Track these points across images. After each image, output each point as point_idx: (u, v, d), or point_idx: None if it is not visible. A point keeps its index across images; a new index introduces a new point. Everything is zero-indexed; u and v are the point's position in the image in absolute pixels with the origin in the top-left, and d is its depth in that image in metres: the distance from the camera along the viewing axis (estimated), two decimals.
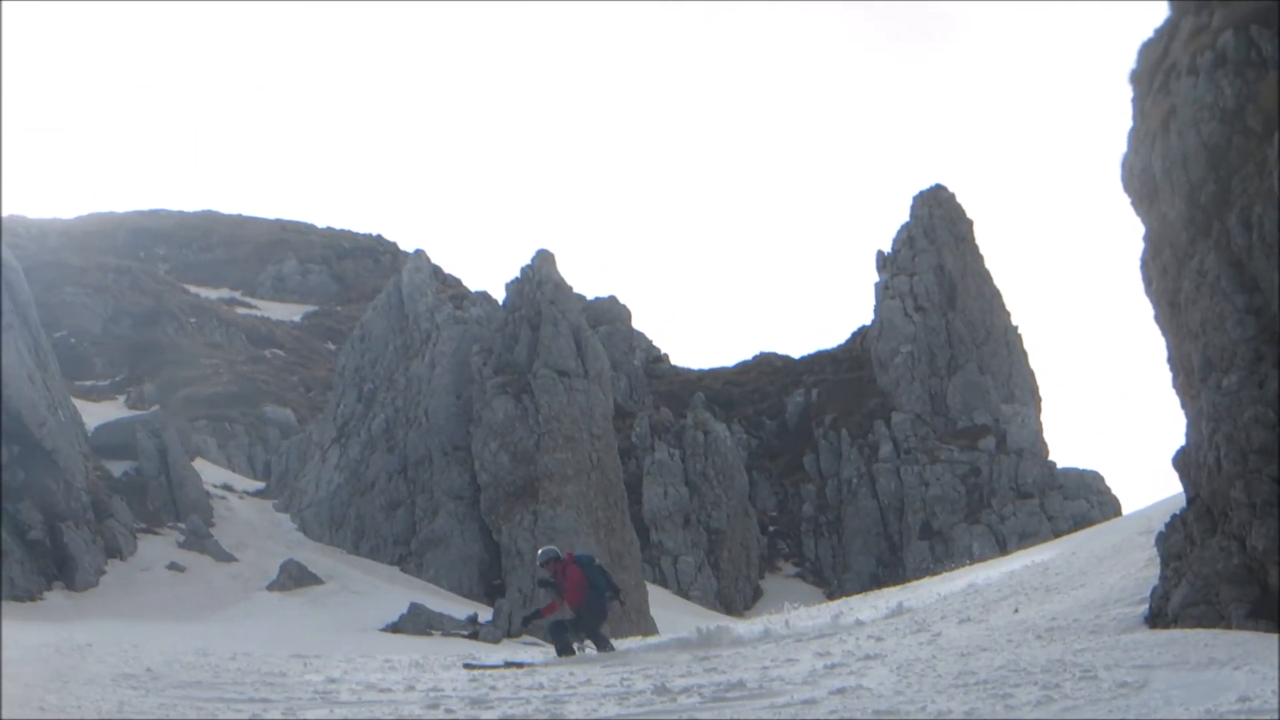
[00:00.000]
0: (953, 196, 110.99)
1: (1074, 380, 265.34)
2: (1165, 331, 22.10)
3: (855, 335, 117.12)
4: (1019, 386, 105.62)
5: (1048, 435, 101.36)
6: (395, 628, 57.70)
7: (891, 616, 28.58)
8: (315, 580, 66.05)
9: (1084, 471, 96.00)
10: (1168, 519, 22.26)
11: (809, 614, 34.11)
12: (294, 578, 65.53)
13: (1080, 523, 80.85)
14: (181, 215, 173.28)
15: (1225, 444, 19.59)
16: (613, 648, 27.82)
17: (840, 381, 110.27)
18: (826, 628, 27.61)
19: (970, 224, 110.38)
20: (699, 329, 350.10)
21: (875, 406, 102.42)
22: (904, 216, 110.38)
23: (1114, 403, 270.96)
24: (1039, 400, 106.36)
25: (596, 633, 27.47)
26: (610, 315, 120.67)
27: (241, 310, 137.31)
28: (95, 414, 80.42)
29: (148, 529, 67.39)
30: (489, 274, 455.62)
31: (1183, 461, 21.43)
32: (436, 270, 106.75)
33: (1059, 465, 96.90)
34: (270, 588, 64.56)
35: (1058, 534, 74.35)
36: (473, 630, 59.60)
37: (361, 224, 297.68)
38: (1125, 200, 23.07)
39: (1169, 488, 40.02)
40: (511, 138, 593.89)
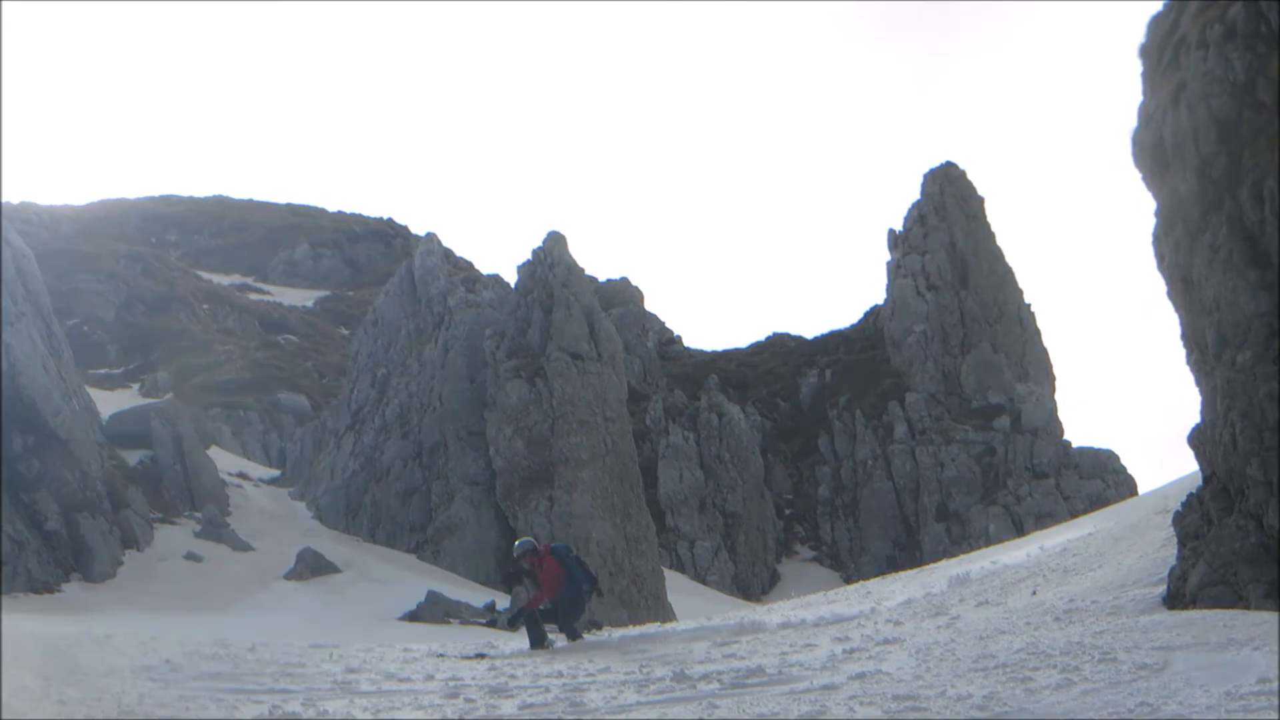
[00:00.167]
0: (963, 174, 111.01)
1: (1088, 358, 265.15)
2: (1178, 308, 22.03)
3: (868, 314, 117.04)
4: (1033, 365, 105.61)
5: (1062, 414, 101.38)
6: (413, 616, 57.76)
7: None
8: (332, 569, 66.13)
9: (1099, 451, 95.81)
10: (1184, 498, 22.20)
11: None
12: (311, 566, 65.63)
13: (1096, 503, 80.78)
14: (192, 201, 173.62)
15: (1240, 421, 19.55)
16: (584, 639, 27.28)
17: (854, 361, 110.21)
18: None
19: (981, 201, 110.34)
20: (712, 310, 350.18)
21: (889, 387, 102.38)
22: (915, 194, 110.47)
23: (1128, 380, 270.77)
24: (1053, 379, 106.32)
25: (571, 625, 27.00)
26: (623, 297, 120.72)
27: (254, 296, 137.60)
28: (109, 402, 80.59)
29: (164, 518, 67.50)
30: (501, 256, 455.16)
31: (1198, 439, 21.38)
32: (448, 253, 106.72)
33: (1074, 445, 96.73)
34: (287, 576, 64.68)
35: (1074, 514, 74.23)
36: (490, 618, 59.58)
37: (373, 208, 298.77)
38: (1136, 175, 22.99)
39: (1185, 466, 39.99)
40: (523, 120, 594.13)
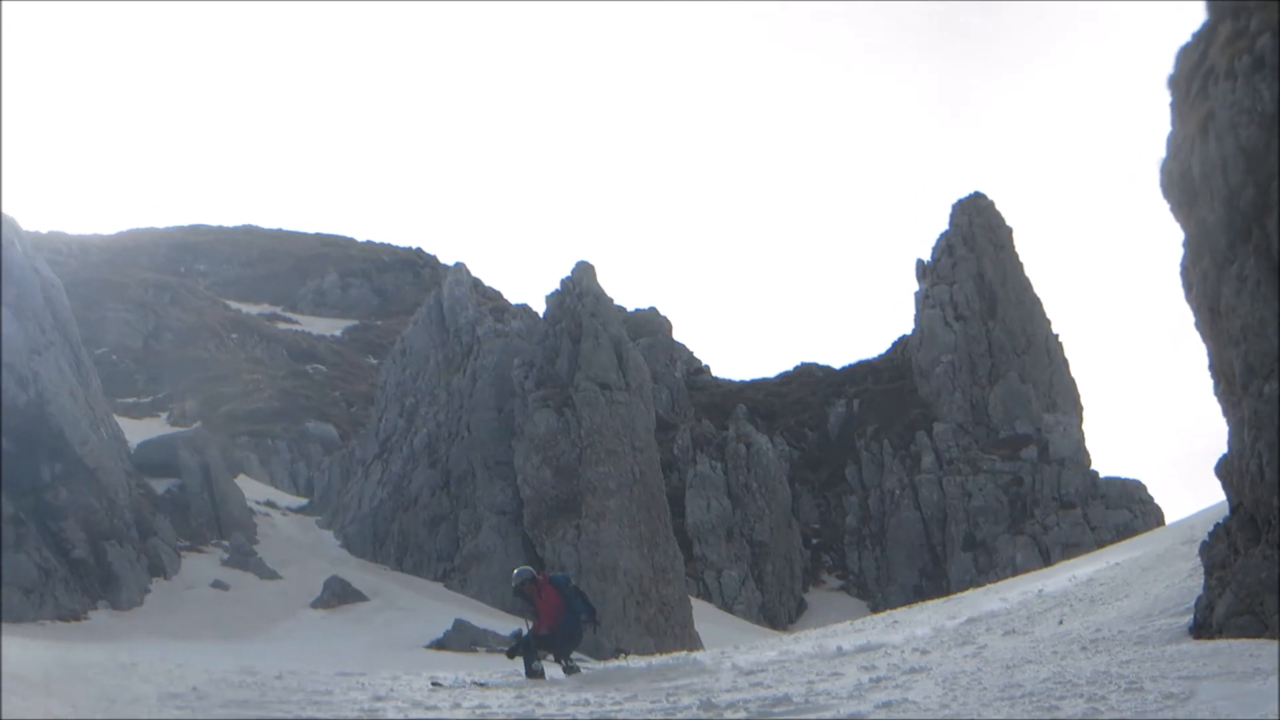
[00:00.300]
0: (991, 204, 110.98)
1: (1115, 388, 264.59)
2: (1206, 338, 22.00)
3: (896, 345, 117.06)
4: (1061, 395, 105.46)
5: (1090, 444, 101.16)
6: (440, 644, 57.61)
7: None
8: (359, 597, 66.07)
9: (1126, 481, 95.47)
10: (1211, 528, 22.16)
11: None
12: (338, 595, 65.58)
13: (1123, 532, 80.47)
14: (222, 230, 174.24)
15: (1268, 451, 19.50)
16: (580, 671, 27.27)
17: (882, 391, 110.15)
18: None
19: (1009, 231, 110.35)
20: (740, 340, 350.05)
21: (917, 417, 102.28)
22: (943, 225, 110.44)
23: (1156, 411, 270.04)
24: (1081, 409, 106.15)
25: (567, 656, 27.13)
26: (651, 327, 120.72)
27: (282, 325, 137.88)
28: (137, 431, 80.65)
29: (191, 547, 67.54)
30: (529, 286, 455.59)
31: (1225, 469, 21.34)
32: (477, 283, 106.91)
33: (1101, 475, 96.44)
34: (314, 605, 64.60)
35: (1101, 544, 74.00)
36: (511, 645, 59.46)
37: (402, 237, 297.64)
38: (1164, 206, 22.99)
39: (1212, 496, 39.87)
40: (551, 150, 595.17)
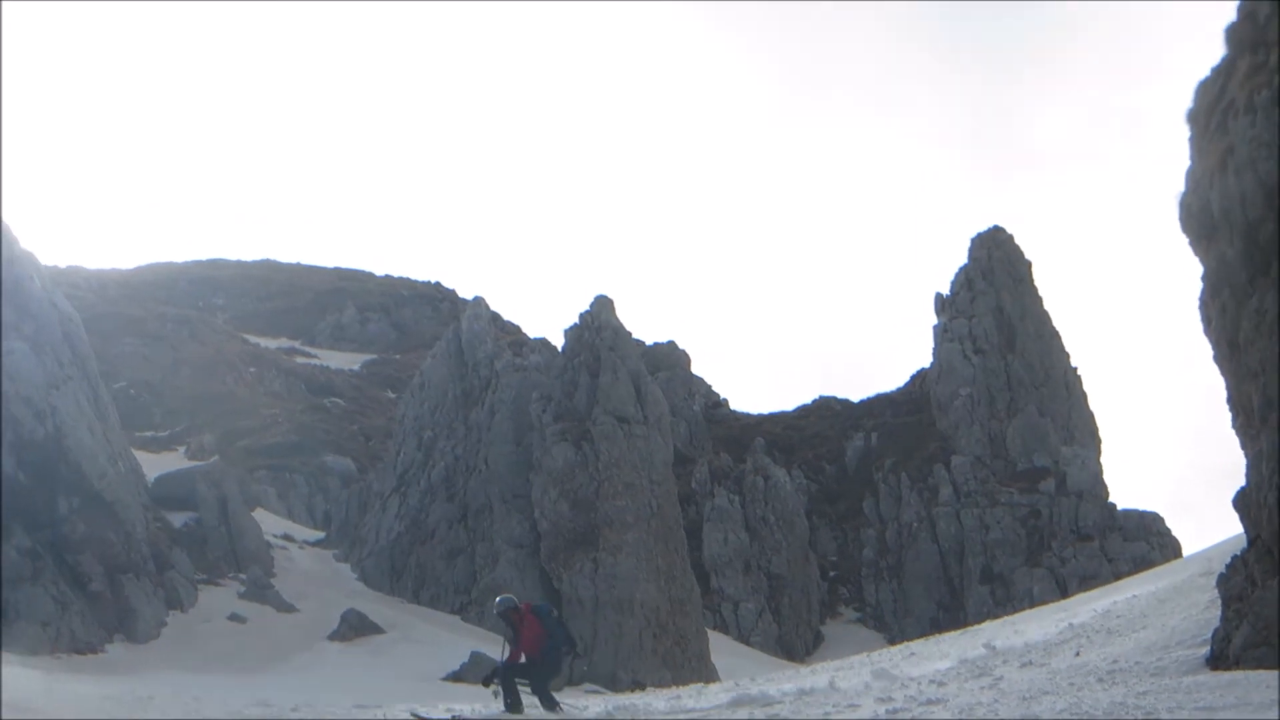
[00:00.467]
0: (1010, 238, 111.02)
1: (1134, 421, 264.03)
2: (1225, 372, 21.92)
3: (914, 378, 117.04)
4: (1079, 428, 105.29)
5: (1108, 477, 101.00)
6: (457, 676, 57.59)
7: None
8: (376, 630, 65.99)
9: (1144, 513, 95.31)
10: (1228, 560, 22.05)
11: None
12: (355, 627, 65.51)
13: (1141, 564, 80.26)
14: (240, 265, 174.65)
15: None
16: (560, 708, 26.65)
17: (900, 425, 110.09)
18: None
19: (1029, 265, 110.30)
20: (758, 374, 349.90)
21: (935, 450, 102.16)
22: (962, 259, 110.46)
23: (1173, 444, 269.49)
24: (1099, 442, 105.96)
25: (545, 689, 26.28)
26: (669, 361, 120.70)
27: (300, 359, 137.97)
28: (155, 465, 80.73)
29: (208, 580, 67.51)
30: (548, 320, 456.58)
31: (1243, 502, 21.24)
32: (495, 317, 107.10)
33: (1119, 507, 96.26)
34: (331, 638, 64.52)
35: (1118, 576, 73.84)
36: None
37: (420, 271, 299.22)
38: (1183, 240, 22.92)
39: (1230, 529, 39.78)
40: (569, 185, 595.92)
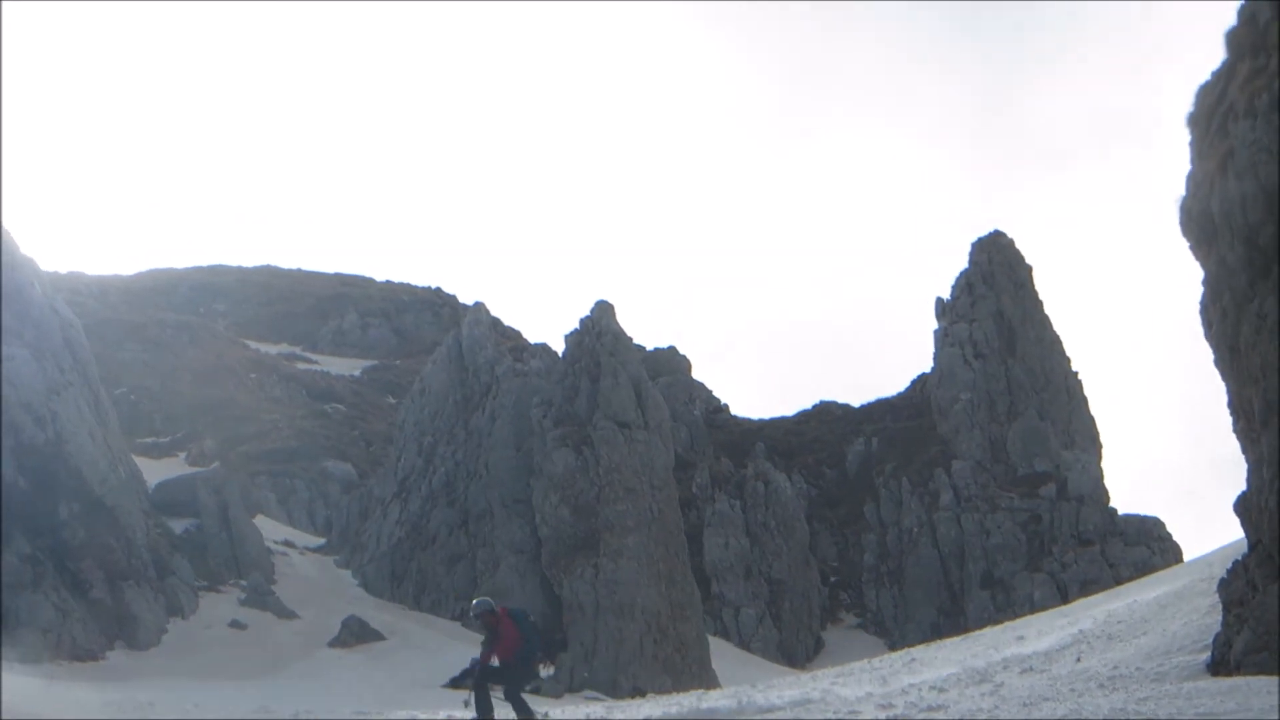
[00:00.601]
0: (1011, 242, 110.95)
1: (1134, 425, 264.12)
2: (1225, 376, 21.93)
3: (915, 383, 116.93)
4: (1079, 432, 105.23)
5: (1109, 481, 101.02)
6: (457, 683, 57.53)
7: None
8: (377, 636, 66.00)
9: (1145, 518, 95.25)
10: (1229, 565, 22.08)
11: None
12: (355, 634, 65.51)
13: (1142, 569, 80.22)
14: (241, 270, 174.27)
15: None
16: (533, 716, 26.33)
17: (900, 429, 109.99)
18: None
19: (1029, 270, 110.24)
20: (759, 379, 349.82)
21: (935, 454, 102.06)
22: (963, 263, 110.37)
23: (1174, 448, 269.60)
24: (1100, 446, 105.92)
25: (518, 696, 25.85)
26: (670, 366, 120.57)
27: (301, 365, 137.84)
28: (156, 471, 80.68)
29: (209, 586, 67.52)
30: (549, 326, 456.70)
31: (1244, 506, 21.25)
32: (496, 323, 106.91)
33: (1120, 512, 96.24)
34: (332, 644, 64.53)
35: (1119, 581, 73.75)
36: (534, 685, 59.40)
37: (421, 277, 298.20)
38: (1184, 244, 22.92)
39: (1231, 533, 39.78)
40: (570, 190, 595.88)
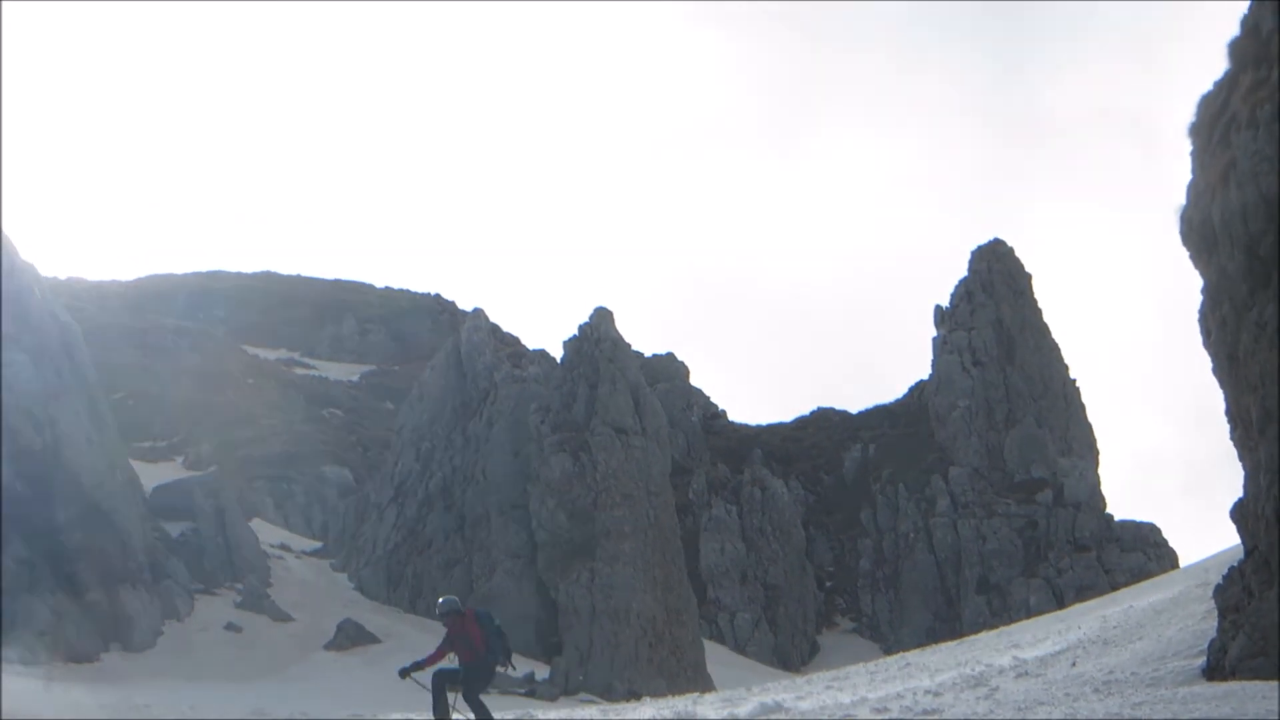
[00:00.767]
0: (1011, 251, 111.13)
1: (1131, 433, 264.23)
2: (1224, 384, 21.93)
3: (913, 390, 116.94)
4: (1077, 439, 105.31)
5: (1105, 488, 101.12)
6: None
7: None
8: (372, 639, 66.03)
9: (1141, 524, 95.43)
10: (1225, 571, 22.08)
11: None
12: (351, 637, 65.56)
13: (1138, 575, 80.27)
14: (240, 276, 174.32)
15: None
16: (491, 718, 25.84)
17: (898, 436, 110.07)
18: None
19: (1029, 278, 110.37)
20: (757, 385, 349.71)
21: (932, 461, 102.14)
22: (962, 271, 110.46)
23: (1171, 455, 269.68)
24: (1097, 453, 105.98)
25: (476, 698, 25.58)
26: (668, 372, 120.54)
27: (299, 370, 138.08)
28: (153, 475, 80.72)
29: (205, 589, 67.57)
30: (547, 332, 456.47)
31: (1240, 513, 21.25)
32: (495, 329, 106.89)
33: (1116, 518, 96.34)
34: (327, 647, 64.59)
35: (1115, 587, 73.83)
36: (530, 688, 59.55)
37: (420, 283, 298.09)
38: (1184, 253, 22.93)
39: (1227, 540, 39.80)
40: (569, 197, 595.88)
